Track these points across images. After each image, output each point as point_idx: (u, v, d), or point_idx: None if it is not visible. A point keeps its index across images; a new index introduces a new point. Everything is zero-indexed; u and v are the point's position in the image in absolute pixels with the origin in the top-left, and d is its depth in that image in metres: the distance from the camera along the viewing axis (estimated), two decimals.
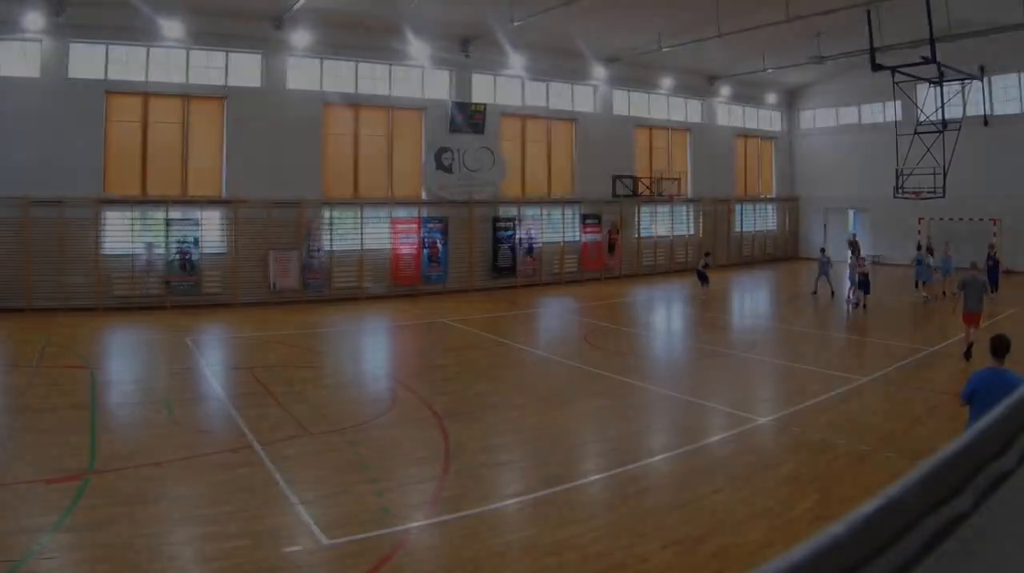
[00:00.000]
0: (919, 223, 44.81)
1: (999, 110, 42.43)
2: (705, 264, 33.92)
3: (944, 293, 31.53)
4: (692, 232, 47.71)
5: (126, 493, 11.15)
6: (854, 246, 39.45)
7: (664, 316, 32.79)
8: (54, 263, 29.29)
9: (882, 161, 42.74)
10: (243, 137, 32.76)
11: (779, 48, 40.72)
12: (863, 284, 30.28)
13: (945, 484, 1.49)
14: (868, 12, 31.74)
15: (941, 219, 43.49)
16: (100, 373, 19.83)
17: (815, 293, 33.81)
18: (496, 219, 38.85)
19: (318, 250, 34.01)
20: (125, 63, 31.19)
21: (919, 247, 35.97)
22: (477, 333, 26.33)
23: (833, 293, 33.18)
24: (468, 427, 14.93)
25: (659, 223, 46.28)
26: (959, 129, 34.59)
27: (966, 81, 35.98)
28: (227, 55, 32.97)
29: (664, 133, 46.55)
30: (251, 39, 32.81)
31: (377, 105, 36.25)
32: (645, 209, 45.26)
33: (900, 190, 36.99)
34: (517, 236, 39.38)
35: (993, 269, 31.40)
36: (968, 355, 19.85)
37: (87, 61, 30.35)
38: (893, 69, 32.75)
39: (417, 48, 35.88)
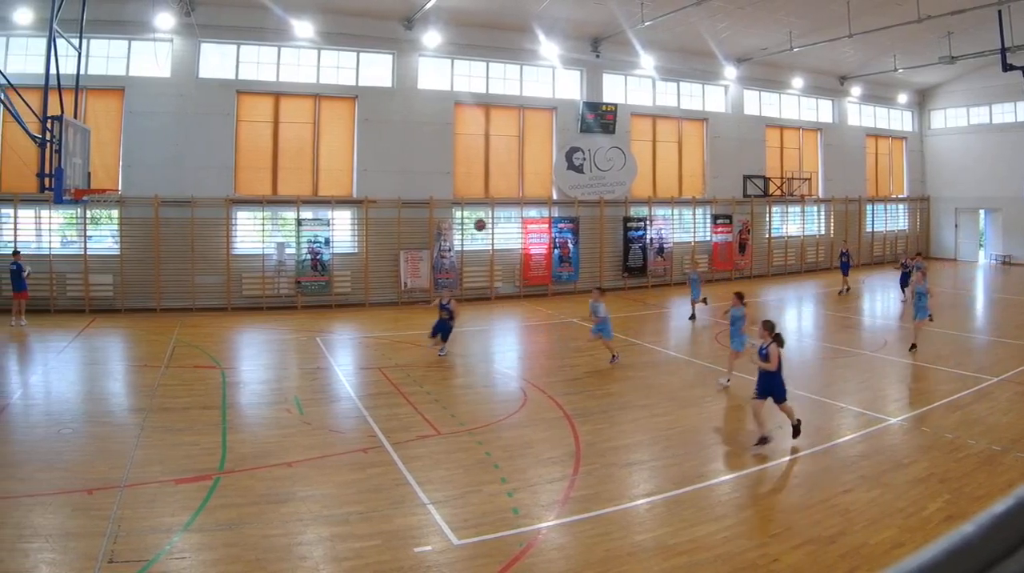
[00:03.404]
0: None
1: None
2: (441, 321, 19.31)
3: None
4: (823, 232, 41.43)
5: (256, 493, 10.20)
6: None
7: (795, 316, 27.80)
8: (184, 263, 25.70)
9: (1013, 161, 39.16)
10: (373, 137, 28.69)
11: (910, 48, 35.59)
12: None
13: None
14: (999, 12, 28.39)
15: None
16: (230, 373, 17.54)
17: (692, 318, 25.47)
18: (627, 219, 33.78)
19: (449, 250, 29.82)
20: (256, 63, 27.36)
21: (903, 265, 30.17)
22: None
23: (694, 316, 25.49)
24: (598, 427, 13.38)
25: (790, 223, 40.48)
26: None
27: None
28: (358, 55, 28.79)
29: (795, 133, 40.39)
30: (382, 39, 28.71)
31: (508, 105, 31.59)
32: (776, 209, 39.41)
33: None
34: (648, 236, 34.32)
35: None
36: None
37: (218, 61, 26.64)
38: None
39: (547, 48, 31.17)
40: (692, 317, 25.26)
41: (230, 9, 26.01)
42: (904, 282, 28.50)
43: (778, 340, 12.01)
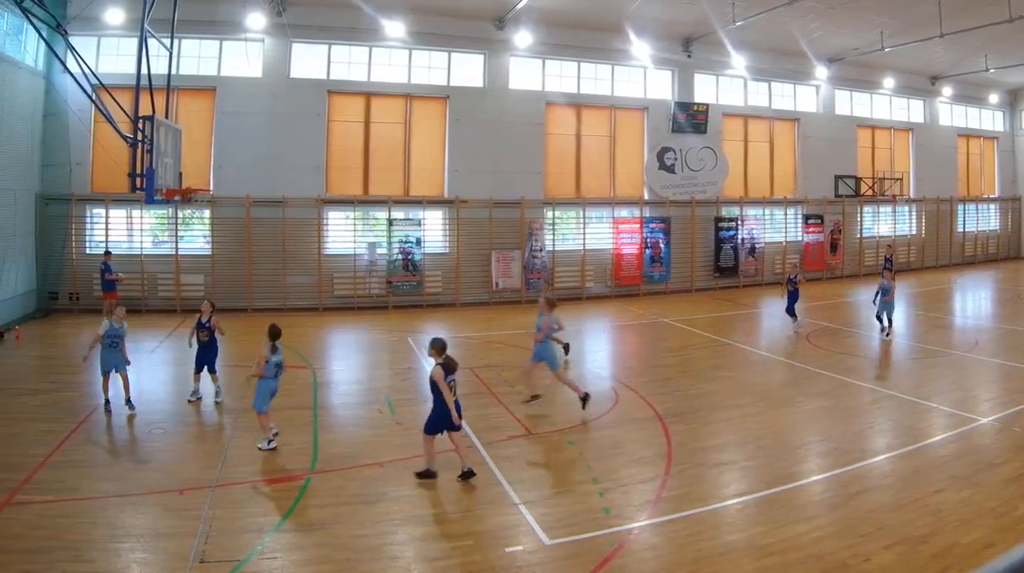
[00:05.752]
0: None
1: None
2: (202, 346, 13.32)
3: None
4: (914, 232, 35.75)
5: (348, 493, 9.05)
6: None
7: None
8: (276, 263, 22.28)
9: None
10: (465, 137, 24.85)
11: (1001, 48, 30.00)
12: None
13: None
14: None
15: None
16: (321, 373, 15.47)
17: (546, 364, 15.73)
18: (718, 219, 29.14)
19: (540, 250, 25.96)
20: (347, 63, 23.74)
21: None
22: (699, 333, 20.15)
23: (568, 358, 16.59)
24: (690, 427, 11.80)
25: (881, 223, 35.00)
26: None
27: None
28: (449, 55, 24.93)
29: (886, 133, 34.72)
30: (473, 39, 24.83)
31: (599, 105, 27.23)
32: (867, 209, 33.95)
33: None
34: (739, 236, 29.62)
35: None
36: None
37: (309, 61, 23.15)
38: None
39: (639, 48, 26.73)
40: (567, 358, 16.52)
41: (321, 9, 22.46)
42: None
43: (448, 364, 9.59)
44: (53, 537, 7.62)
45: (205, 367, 13.10)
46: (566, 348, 16.31)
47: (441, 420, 9.48)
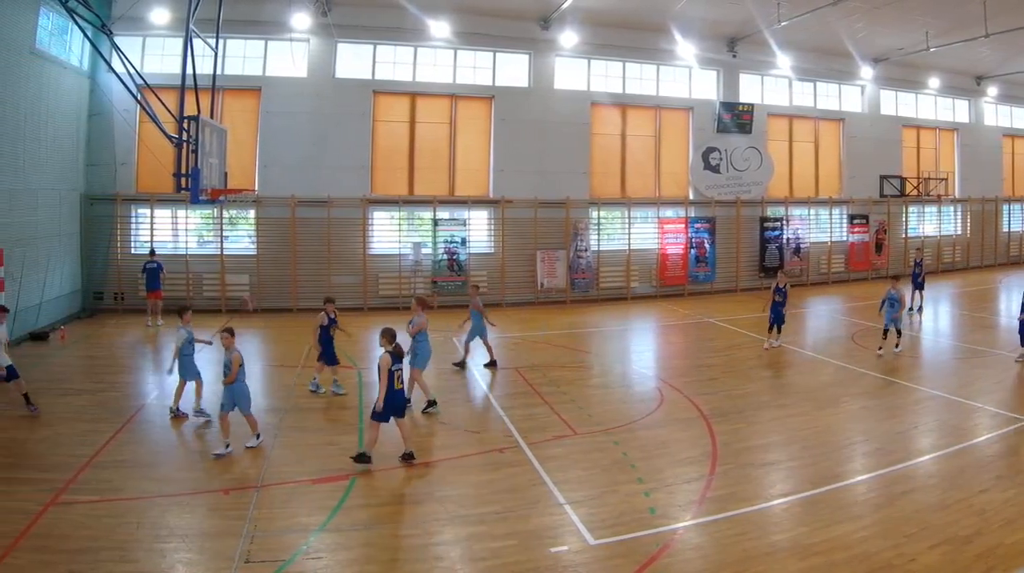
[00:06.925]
0: None
1: None
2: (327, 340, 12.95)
3: None
4: (959, 232, 33.26)
5: (393, 493, 8.61)
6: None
7: (930, 316, 22.08)
8: (320, 263, 20.79)
9: None
10: (510, 137, 23.19)
11: None
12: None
13: None
14: None
15: None
16: (367, 373, 14.31)
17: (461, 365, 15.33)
18: (763, 219, 27.08)
19: (585, 250, 24.39)
20: (392, 63, 22.23)
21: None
22: (744, 333, 18.85)
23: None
24: (735, 427, 11.00)
25: (926, 223, 32.55)
26: None
27: None
28: (494, 55, 23.29)
29: (931, 133, 32.29)
30: (518, 39, 23.17)
31: (644, 105, 25.35)
32: (912, 209, 31.54)
33: None
34: (784, 236, 27.55)
35: None
36: None
37: (354, 61, 21.64)
38: None
39: (684, 48, 24.85)
40: (461, 364, 15.09)
41: (367, 9, 20.97)
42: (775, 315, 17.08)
43: (396, 352, 9.25)
44: (98, 537, 7.26)
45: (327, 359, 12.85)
46: (462, 365, 14.99)
47: (391, 407, 9.18)
